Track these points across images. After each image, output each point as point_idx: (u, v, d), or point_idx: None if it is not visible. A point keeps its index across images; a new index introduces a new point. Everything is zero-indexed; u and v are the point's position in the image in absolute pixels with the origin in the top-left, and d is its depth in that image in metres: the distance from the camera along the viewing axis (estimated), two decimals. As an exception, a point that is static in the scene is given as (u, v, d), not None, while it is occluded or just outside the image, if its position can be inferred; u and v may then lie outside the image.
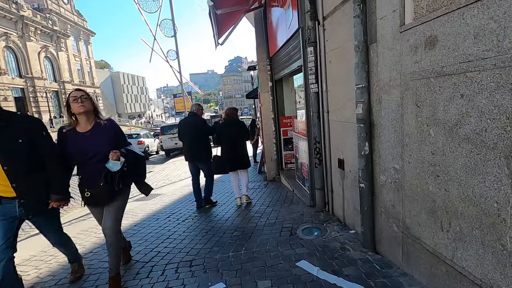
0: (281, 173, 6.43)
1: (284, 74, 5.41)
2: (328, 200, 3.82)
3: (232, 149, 4.82)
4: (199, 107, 5.09)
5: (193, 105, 5.15)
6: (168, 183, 7.74)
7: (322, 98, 3.61)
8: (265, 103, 6.55)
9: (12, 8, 30.12)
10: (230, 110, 5.21)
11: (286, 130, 6.33)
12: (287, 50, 4.79)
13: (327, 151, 3.65)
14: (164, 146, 15.10)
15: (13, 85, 29.84)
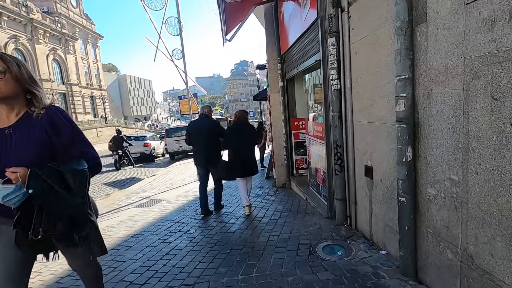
0: (291, 179, 5.95)
1: (297, 72, 4.96)
2: (350, 212, 3.33)
3: (240, 154, 4.51)
4: (210, 108, 4.90)
5: (205, 107, 4.95)
6: (171, 188, 7.33)
7: (345, 96, 3.15)
8: (275, 104, 6.10)
9: (22, 11, 30.36)
10: (241, 113, 4.83)
11: (297, 133, 5.87)
12: (302, 45, 4.35)
13: (350, 156, 3.17)
14: (168, 149, 14.74)
15: (21, 87, 29.93)
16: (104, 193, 7.71)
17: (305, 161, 5.92)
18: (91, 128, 30.52)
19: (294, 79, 5.77)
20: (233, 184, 6.90)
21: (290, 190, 5.90)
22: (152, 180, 8.71)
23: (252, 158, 4.66)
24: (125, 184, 8.91)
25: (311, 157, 4.86)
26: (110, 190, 8.13)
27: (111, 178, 10.12)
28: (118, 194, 7.13)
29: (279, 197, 5.37)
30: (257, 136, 5.29)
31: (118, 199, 6.48)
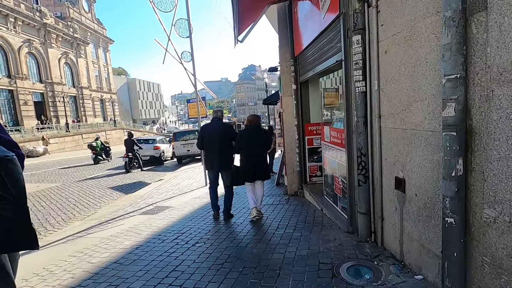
0: (304, 187, 5.63)
1: (313, 75, 4.68)
2: (376, 228, 3.00)
3: (251, 159, 4.46)
4: (221, 112, 4.95)
5: (218, 111, 4.94)
6: (178, 194, 7.07)
7: (371, 99, 2.84)
8: (287, 108, 5.82)
9: (36, 16, 30.97)
10: (253, 117, 4.72)
11: (311, 138, 5.56)
12: (320, 45, 4.07)
13: (377, 166, 2.86)
14: (176, 152, 14.56)
15: (33, 90, 30.38)
16: (110, 198, 7.50)
17: (319, 168, 5.60)
18: (100, 130, 30.72)
19: (308, 83, 5.48)
20: (242, 191, 6.63)
21: (303, 199, 5.57)
22: (159, 185, 8.49)
23: (263, 163, 4.60)
24: (132, 188, 8.71)
25: (327, 164, 4.54)
26: (116, 194, 7.93)
27: (118, 182, 9.94)
28: (124, 200, 6.91)
29: (292, 207, 5.05)
30: (269, 141, 5.03)
31: (123, 205, 6.25)
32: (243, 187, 5.24)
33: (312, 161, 5.61)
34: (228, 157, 4.52)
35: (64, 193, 8.19)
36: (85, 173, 12.32)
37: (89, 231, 4.62)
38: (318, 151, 5.56)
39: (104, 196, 7.79)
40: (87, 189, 8.71)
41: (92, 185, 9.34)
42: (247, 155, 4.42)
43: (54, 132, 25.40)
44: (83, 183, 9.85)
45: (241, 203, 5.61)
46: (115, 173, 12.06)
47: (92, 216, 5.61)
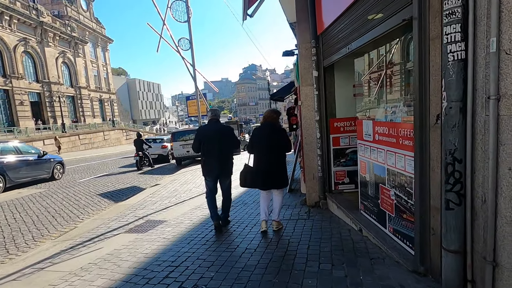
0: (329, 197, 4.52)
1: (344, 55, 3.57)
2: (476, 276, 1.89)
3: (266, 161, 3.75)
4: (218, 112, 4.39)
5: (215, 110, 4.38)
6: (174, 203, 5.97)
7: (475, 71, 1.74)
8: (307, 100, 4.71)
9: (32, 14, 29.90)
10: (270, 113, 3.97)
11: (337, 137, 4.44)
12: (365, 6, 2.95)
13: (480, 179, 1.75)
14: (175, 154, 13.42)
15: (29, 90, 29.30)
16: (96, 208, 6.39)
17: (347, 174, 4.49)
18: (97, 131, 29.66)
19: (333, 68, 4.37)
20: (248, 199, 5.53)
21: (328, 211, 4.46)
22: (154, 191, 7.38)
23: (279, 168, 3.80)
24: (124, 195, 7.60)
25: (366, 170, 3.43)
26: (104, 203, 6.82)
27: (110, 187, 8.83)
28: (110, 211, 5.79)
29: (317, 223, 3.94)
30: (289, 141, 3.98)
31: (108, 218, 5.14)
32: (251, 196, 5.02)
33: (338, 165, 4.50)
34: (229, 162, 4.09)
35: (45, 202, 7.07)
36: (75, 176, 11.20)
37: (56, 258, 3.51)
38: (346, 153, 4.45)
39: (90, 205, 6.68)
40: (73, 196, 7.60)
41: (80, 191, 8.23)
42: (259, 158, 3.80)
43: (50, 132, 24.29)
44: (71, 188, 8.73)
45: (250, 213, 4.51)
46: (126, 171, 12.41)
47: (67, 235, 4.49)
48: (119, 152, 24.18)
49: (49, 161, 10.29)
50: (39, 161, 9.89)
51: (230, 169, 4.15)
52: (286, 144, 3.88)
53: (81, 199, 7.22)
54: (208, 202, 4.12)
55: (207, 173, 4.04)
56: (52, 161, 10.48)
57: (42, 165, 9.96)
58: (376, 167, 3.13)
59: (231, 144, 4.07)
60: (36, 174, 9.76)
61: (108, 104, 41.55)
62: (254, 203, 5.52)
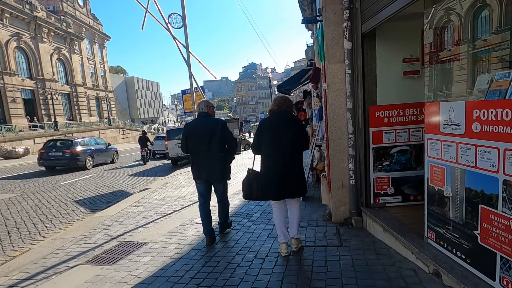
0: (366, 213, 3.28)
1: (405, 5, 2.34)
2: None
3: (280, 163, 2.80)
4: (210, 104, 3.59)
5: (202, 102, 3.57)
6: (162, 215, 4.73)
7: None
8: (334, 83, 3.47)
9: (25, 9, 28.57)
10: (282, 100, 3.02)
11: (380, 132, 3.21)
12: None
13: None
14: (170, 153, 12.16)
15: (22, 87, 27.97)
16: (67, 219, 5.15)
17: (391, 181, 3.25)
18: (92, 130, 28.34)
19: (375, 35, 3.15)
20: (254, 210, 4.30)
21: (364, 232, 3.24)
22: (140, 198, 6.13)
23: (296, 171, 2.85)
24: (105, 201, 6.36)
25: (444, 181, 2.18)
26: (79, 212, 5.57)
27: (92, 191, 7.57)
28: (80, 226, 4.52)
29: (358, 256, 2.71)
30: (306, 136, 2.81)
31: (72, 238, 3.89)
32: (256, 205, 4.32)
33: (380, 169, 3.26)
34: (221, 163, 3.34)
35: (9, 211, 5.82)
36: (57, 178, 9.94)
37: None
38: (391, 154, 3.22)
39: (61, 215, 5.43)
40: (45, 204, 6.34)
41: (56, 197, 6.97)
42: (270, 159, 2.84)
43: (41, 131, 22.98)
44: (47, 193, 7.47)
45: (261, 237, 3.27)
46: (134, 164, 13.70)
47: (6, 267, 3.23)
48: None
49: (111, 150, 14.28)
50: (106, 150, 13.90)
51: (224, 172, 3.40)
52: (305, 139, 2.89)
53: (52, 208, 5.96)
54: (200, 211, 3.48)
55: (195, 176, 3.44)
56: (112, 150, 14.46)
57: (108, 152, 13.93)
58: (473, 177, 1.89)
59: (222, 141, 3.30)
60: (105, 158, 13.75)
61: (105, 102, 40.23)
62: (262, 216, 4.31)
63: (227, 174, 3.48)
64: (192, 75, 5.85)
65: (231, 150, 3.50)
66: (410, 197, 3.25)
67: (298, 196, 2.96)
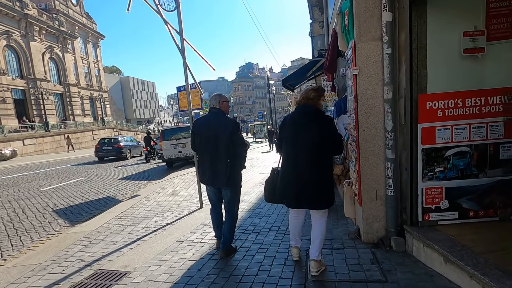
0: (412, 233, 2.51)
1: None
2: None
3: (295, 166, 2.36)
4: (222, 98, 2.99)
5: (214, 96, 3.01)
6: (151, 230, 3.93)
7: None
8: (367, 66, 2.70)
9: (15, 6, 27.45)
10: (309, 93, 2.43)
11: (431, 128, 2.44)
12: None
13: None
14: (165, 155, 11.25)
15: (13, 86, 26.84)
16: (37, 236, 4.31)
17: (445, 193, 2.49)
18: (86, 130, 27.30)
19: (426, 2, 2.38)
20: (261, 224, 3.50)
21: (410, 258, 2.48)
22: (129, 206, 5.32)
23: (316, 178, 2.33)
24: (88, 211, 5.52)
25: None
26: (55, 226, 4.73)
27: (77, 198, 6.72)
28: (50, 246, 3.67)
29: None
30: (340, 137, 2.33)
31: (35, 265, 3.07)
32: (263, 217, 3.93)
33: (431, 177, 2.49)
34: (227, 167, 2.80)
35: (-26, 224, 4.96)
36: (42, 182, 9.05)
37: None
38: (446, 157, 2.46)
39: (34, 229, 4.59)
40: (22, 213, 5.50)
41: (34, 205, 6.12)
42: (288, 160, 2.46)
43: (31, 132, 21.93)
44: (25, 200, 6.60)
45: (269, 258, 2.49)
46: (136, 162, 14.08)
47: None
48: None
49: (140, 146, 17.09)
50: (137, 145, 17.22)
51: (230, 177, 2.83)
52: (335, 141, 2.35)
53: (26, 219, 5.12)
54: (211, 216, 3.18)
55: (200, 178, 3.13)
56: (140, 145, 16.97)
57: (138, 147, 17.04)
58: None
59: (230, 147, 2.78)
60: (137, 151, 16.93)
61: (99, 103, 39.12)
62: (272, 231, 3.56)
63: (235, 181, 2.91)
64: (188, 67, 5.04)
65: (240, 157, 2.84)
66: (470, 212, 2.49)
67: (319, 209, 2.40)
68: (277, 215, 4.18)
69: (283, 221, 3.86)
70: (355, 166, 2.98)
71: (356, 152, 2.85)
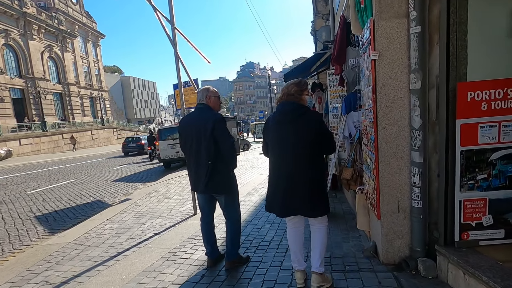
0: (447, 256, 2.00)
1: None
2: None
3: (283, 168, 2.10)
4: (209, 93, 2.58)
5: (201, 90, 2.62)
6: (136, 241, 3.46)
7: None
8: (389, 50, 2.20)
9: (14, 5, 27.08)
10: (292, 87, 2.12)
11: (474, 125, 1.93)
12: None
13: None
14: (162, 155, 10.77)
15: (11, 86, 26.46)
16: (10, 248, 3.84)
17: (489, 206, 1.98)
18: (84, 130, 26.88)
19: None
20: (261, 236, 3.00)
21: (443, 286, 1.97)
22: (117, 213, 4.83)
23: (307, 181, 2.02)
24: (73, 217, 5.05)
25: None
26: (32, 235, 4.26)
27: (64, 202, 6.25)
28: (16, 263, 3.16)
29: None
30: (330, 133, 2.16)
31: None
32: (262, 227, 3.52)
33: (471, 187, 1.99)
34: (213, 169, 2.38)
35: None
36: (31, 184, 8.59)
37: None
38: (490, 161, 1.95)
39: (8, 238, 4.13)
40: (1, 219, 5.04)
41: (17, 209, 5.67)
42: (276, 166, 2.14)
43: (28, 132, 21.51)
44: (7, 205, 6.14)
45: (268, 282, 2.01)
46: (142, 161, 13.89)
47: None
48: (106, 153, 21.54)
49: None
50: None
51: (220, 182, 2.45)
52: (328, 137, 2.08)
53: (4, 226, 4.66)
54: (202, 228, 2.72)
55: (193, 187, 2.68)
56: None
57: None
58: None
59: (212, 145, 2.38)
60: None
61: (99, 102, 38.74)
62: (273, 245, 3.10)
63: (224, 186, 2.50)
64: (180, 59, 4.55)
65: (226, 156, 2.39)
66: (519, 230, 1.99)
67: (312, 216, 2.11)
68: (278, 225, 3.69)
69: (285, 233, 3.36)
70: (372, 171, 2.48)
71: (374, 154, 2.35)
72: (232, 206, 2.60)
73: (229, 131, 2.48)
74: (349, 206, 4.28)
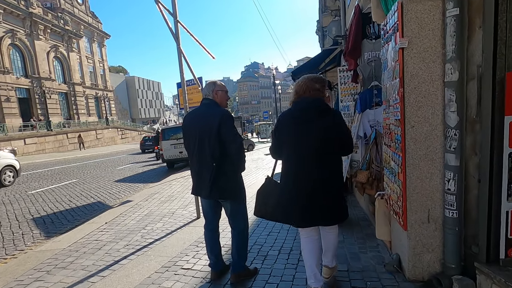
0: (492, 277, 1.71)
1: None
2: None
3: (299, 175, 1.88)
4: (216, 87, 2.31)
5: (208, 85, 2.34)
6: (134, 249, 3.21)
7: None
8: (420, 37, 1.91)
9: (20, 5, 27.21)
10: (308, 83, 1.92)
11: (524, 122, 1.64)
12: None
13: None
14: (165, 155, 10.54)
15: (17, 85, 26.58)
16: (7, 251, 3.62)
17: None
18: (89, 129, 26.88)
19: None
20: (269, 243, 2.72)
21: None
22: (116, 216, 4.60)
23: (332, 187, 1.85)
24: (71, 220, 4.83)
25: None
26: (28, 239, 4.04)
27: (64, 203, 6.06)
28: (5, 271, 2.97)
29: None
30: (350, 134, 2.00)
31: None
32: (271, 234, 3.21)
33: (521, 195, 1.69)
34: (217, 172, 2.12)
35: None
36: (33, 184, 8.43)
37: None
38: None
39: (2, 241, 3.93)
40: (-5, 222, 4.85)
41: (15, 210, 5.48)
42: (290, 166, 1.92)
43: (33, 131, 21.54)
44: (9, 205, 5.96)
45: None
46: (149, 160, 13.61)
47: None
48: (110, 153, 21.47)
49: None
50: None
51: (226, 187, 2.18)
52: (348, 139, 1.91)
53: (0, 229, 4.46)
54: (205, 236, 2.45)
55: (194, 191, 2.41)
56: None
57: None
58: None
59: (218, 144, 2.11)
60: None
61: (104, 102, 38.83)
62: (283, 254, 2.82)
63: (230, 191, 2.24)
64: (183, 53, 4.30)
65: (234, 157, 2.14)
66: None
67: (335, 224, 1.98)
68: (288, 231, 3.41)
69: (296, 241, 3.09)
70: (396, 175, 2.19)
71: (401, 156, 2.06)
72: (239, 214, 2.33)
73: (237, 129, 2.22)
74: (362, 211, 3.98)
